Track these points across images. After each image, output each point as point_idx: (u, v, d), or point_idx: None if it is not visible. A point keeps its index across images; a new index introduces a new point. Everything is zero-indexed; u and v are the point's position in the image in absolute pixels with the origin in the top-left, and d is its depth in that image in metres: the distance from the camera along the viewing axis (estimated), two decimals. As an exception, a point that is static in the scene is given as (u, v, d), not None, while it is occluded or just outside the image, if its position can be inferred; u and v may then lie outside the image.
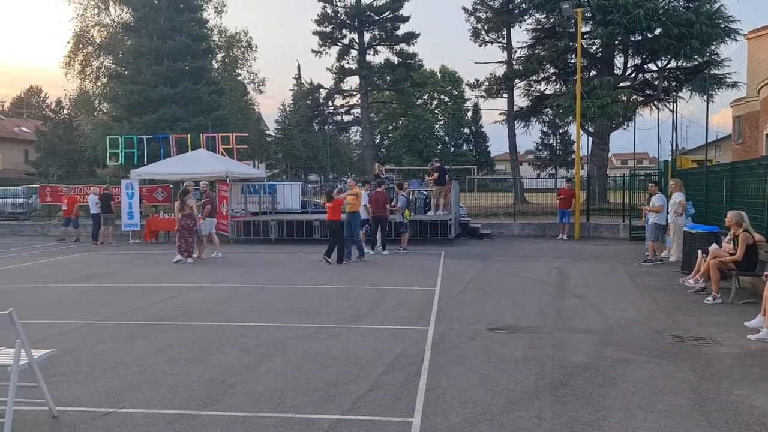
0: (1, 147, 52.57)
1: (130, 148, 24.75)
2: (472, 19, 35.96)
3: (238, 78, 47.59)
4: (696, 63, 27.98)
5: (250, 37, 53.03)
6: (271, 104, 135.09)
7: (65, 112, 45.87)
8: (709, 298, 9.73)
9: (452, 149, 65.95)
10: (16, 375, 4.92)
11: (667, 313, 9.04)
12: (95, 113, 42.74)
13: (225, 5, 45.38)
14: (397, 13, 38.94)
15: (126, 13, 38.97)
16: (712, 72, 27.02)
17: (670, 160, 20.06)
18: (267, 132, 61.65)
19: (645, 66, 29.84)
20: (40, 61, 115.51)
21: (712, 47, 27.22)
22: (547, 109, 33.07)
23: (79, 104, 43.85)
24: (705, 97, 24.77)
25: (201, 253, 15.81)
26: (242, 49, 47.85)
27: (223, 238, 20.53)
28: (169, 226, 19.90)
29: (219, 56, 44.41)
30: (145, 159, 24.13)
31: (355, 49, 39.64)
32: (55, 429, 5.10)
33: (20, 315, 5.05)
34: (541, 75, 32.80)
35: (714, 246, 10.43)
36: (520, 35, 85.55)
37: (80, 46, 41.70)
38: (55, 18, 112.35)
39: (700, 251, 10.94)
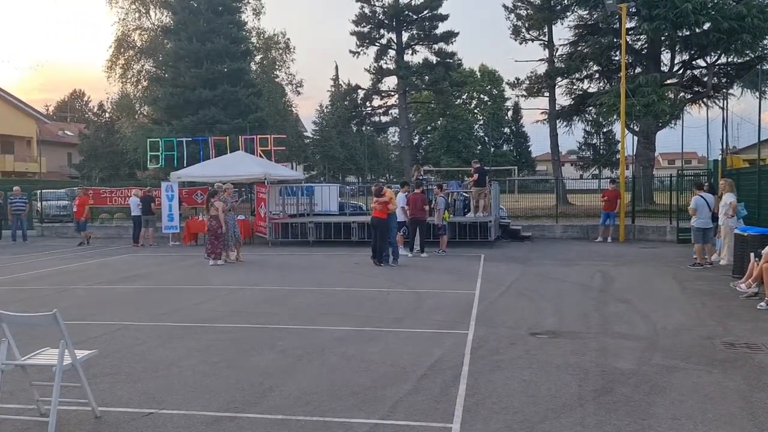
0: (46, 150, 54.24)
1: (170, 151, 25.26)
2: (512, 16, 35.71)
3: (276, 80, 48.19)
4: (747, 58, 27.18)
5: (288, 39, 53.65)
6: (308, 105, 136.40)
7: (107, 115, 47.08)
8: (763, 304, 9.45)
9: (492, 150, 65.55)
10: (60, 375, 5.05)
11: (717, 319, 8.80)
12: (136, 116, 43.82)
13: (263, 7, 46.36)
14: (435, 12, 38.90)
15: (166, 16, 39.92)
16: (765, 67, 26.23)
17: (720, 159, 19.55)
18: (305, 133, 62.31)
19: (693, 62, 29.14)
20: (84, 65, 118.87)
21: (765, 41, 26.43)
22: (590, 108, 32.56)
23: (120, 107, 44.99)
24: (757, 93, 24.05)
25: (239, 255, 16.01)
26: (280, 51, 48.44)
27: (261, 240, 20.78)
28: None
29: (257, 58, 45.10)
30: (185, 161, 24.60)
31: (393, 49, 39.74)
32: (98, 429, 5.22)
33: (63, 316, 5.19)
34: (584, 73, 32.35)
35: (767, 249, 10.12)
36: (562, 32, 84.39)
37: (122, 49, 42.80)
38: (98, 22, 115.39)
39: (752, 254, 10.62)
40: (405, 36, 39.54)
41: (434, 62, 39.55)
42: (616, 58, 29.23)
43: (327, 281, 12.65)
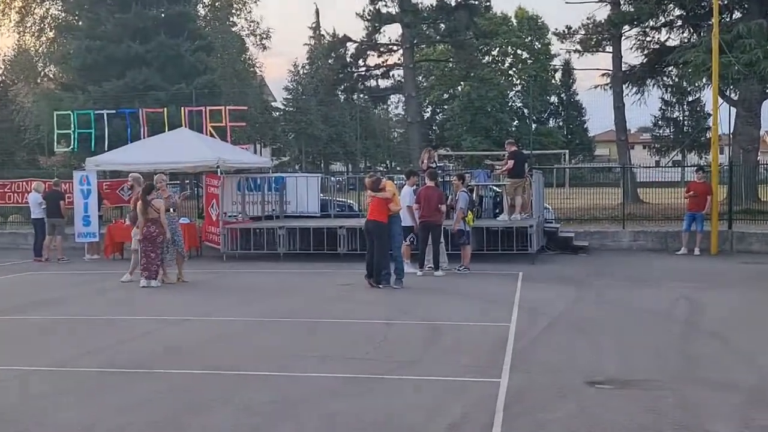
0: None
1: (86, 128, 25.25)
2: (561, -60, 35.82)
3: (233, 29, 48.28)
4: None
5: (250, -29, 53.59)
6: (278, 66, 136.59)
7: (-2, 78, 47.06)
8: None
9: (534, 127, 65.53)
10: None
11: None
12: (38, 80, 43.79)
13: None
14: (454, -67, 38.96)
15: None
16: None
17: None
18: (273, 104, 62.28)
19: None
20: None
21: None
22: (669, 69, 32.60)
23: (16, 67, 44.91)
24: None
25: (181, 273, 16.04)
26: (238, -12, 48.59)
27: (212, 252, 20.78)
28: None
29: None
30: (107, 143, 24.61)
31: (396, -15, 39.72)
32: None
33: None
34: (662, 19, 32.40)
35: None
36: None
37: (17, -13, 42.79)
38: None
39: None
40: (412, -34, 39.50)
41: (452, 4, 39.55)
42: (706, -2, 29.32)
43: (304, 310, 12.65)
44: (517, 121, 68.62)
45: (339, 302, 13.46)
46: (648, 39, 33.57)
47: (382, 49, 42.98)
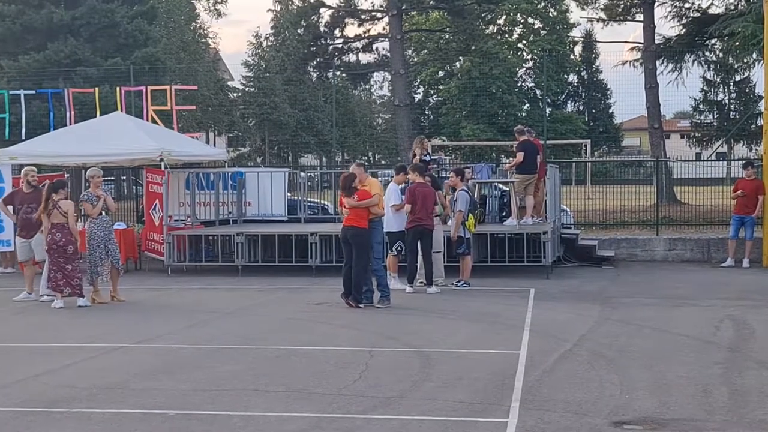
0: None
1: (-1, 112, 25.21)
2: None
3: (181, -9, 48.18)
4: None
5: None
6: (237, 37, 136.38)
7: None
8: None
9: (549, 111, 65.66)
10: None
11: None
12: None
13: None
14: None
15: None
16: None
17: None
18: (230, 84, 62.17)
19: None
20: None
21: None
22: (713, 42, 32.71)
23: None
24: None
25: (116, 290, 15.95)
26: (187, -58, 48.53)
27: (155, 264, 20.69)
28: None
29: (148, -46, 45.00)
30: (23, 130, 24.49)
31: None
32: None
33: None
34: (703, -19, 32.52)
35: None
36: None
37: None
38: None
39: None
40: None
41: (449, -38, 39.60)
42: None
43: (267, 335, 12.62)
44: (528, 105, 68.89)
45: (310, 325, 13.43)
46: (687, 5, 33.72)
47: (363, 16, 42.99)
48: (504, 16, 69.45)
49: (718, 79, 52.07)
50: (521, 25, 72.99)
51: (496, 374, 9.92)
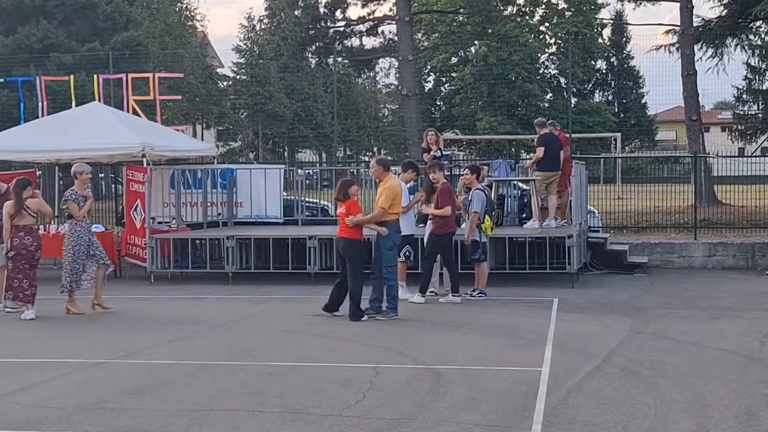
0: None
1: (-37, 102, 25.26)
2: None
3: (165, -31, 48.24)
4: None
5: None
6: (227, 20, 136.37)
7: None
8: None
9: (574, 101, 65.59)
10: None
11: None
12: None
13: None
14: None
15: None
16: None
17: None
18: (219, 71, 62.18)
19: None
20: None
21: None
22: (758, 24, 32.63)
23: None
24: None
25: (100, 298, 15.91)
26: None
27: (136, 270, 20.68)
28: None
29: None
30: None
31: None
32: None
33: None
34: (747, -45, 32.45)
35: None
36: None
37: None
38: None
39: None
40: None
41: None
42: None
43: (260, 349, 12.62)
44: (551, 95, 68.69)
45: (308, 339, 13.41)
46: (729, -17, 33.59)
47: (368, -3, 42.94)
48: (524, -2, 69.42)
49: (764, 66, 52.02)
50: (543, 6, 72.73)
51: (516, 394, 9.90)
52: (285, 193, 24.23)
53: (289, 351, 12.54)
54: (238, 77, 63.24)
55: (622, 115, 72.33)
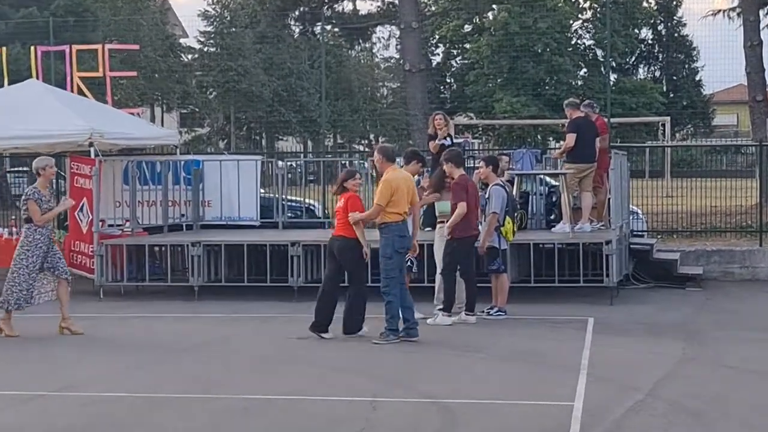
0: None
1: None
2: None
3: None
4: None
5: None
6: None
7: None
8: None
9: (613, 78, 65.53)
10: None
11: None
12: None
13: None
14: None
15: None
16: None
17: None
18: (183, 42, 62.10)
19: None
20: None
21: None
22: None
23: None
24: None
25: (67, 320, 15.88)
26: None
27: (83, 284, 20.66)
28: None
29: None
30: None
31: None
32: None
33: None
34: None
35: None
36: None
37: None
38: None
39: None
40: None
41: None
42: None
43: (233, 380, 12.62)
44: (585, 70, 68.61)
45: (291, 367, 13.43)
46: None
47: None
48: (552, -48, 69.42)
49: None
50: (574, -37, 72.96)
51: (543, 433, 9.92)
52: (262, 190, 24.22)
53: (267, 382, 12.52)
54: (205, 49, 63.15)
55: (671, 95, 72.15)
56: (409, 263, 16.54)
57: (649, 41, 76.61)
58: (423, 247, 17.25)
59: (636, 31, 73.61)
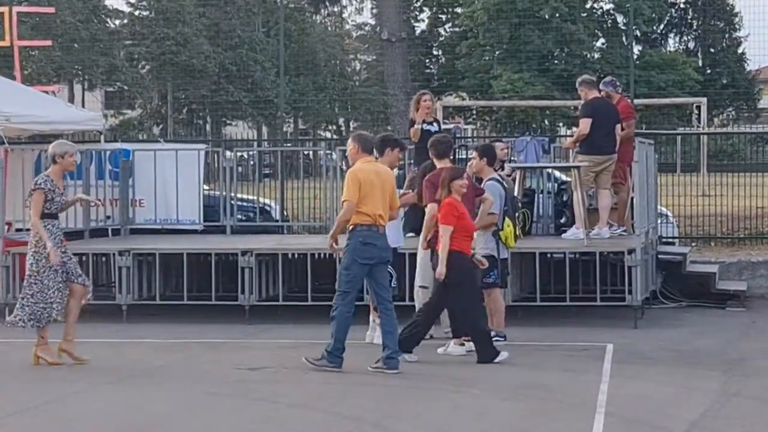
0: None
1: None
2: None
3: None
4: None
5: None
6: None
7: None
8: None
9: (637, 51, 65.74)
10: None
11: None
12: None
13: None
14: None
15: None
16: None
17: None
18: (109, 4, 62.11)
19: None
20: None
21: None
22: None
23: None
24: None
25: (70, 342, 15.89)
26: None
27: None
28: None
29: None
30: None
31: None
32: None
33: None
34: None
35: None
36: None
37: None
38: None
39: None
40: None
41: None
42: None
43: (172, 421, 12.60)
44: (603, 40, 68.89)
45: (245, 404, 13.40)
46: None
47: None
48: None
49: None
50: None
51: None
52: (207, 187, 24.23)
53: (214, 422, 12.47)
54: (137, 13, 63.24)
55: (708, 71, 72.48)
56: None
57: (682, 5, 76.92)
58: (404, 258, 17.31)
59: (665, -3, 73.97)
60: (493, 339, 16.79)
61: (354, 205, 14.90)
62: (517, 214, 18.20)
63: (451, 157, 17.13)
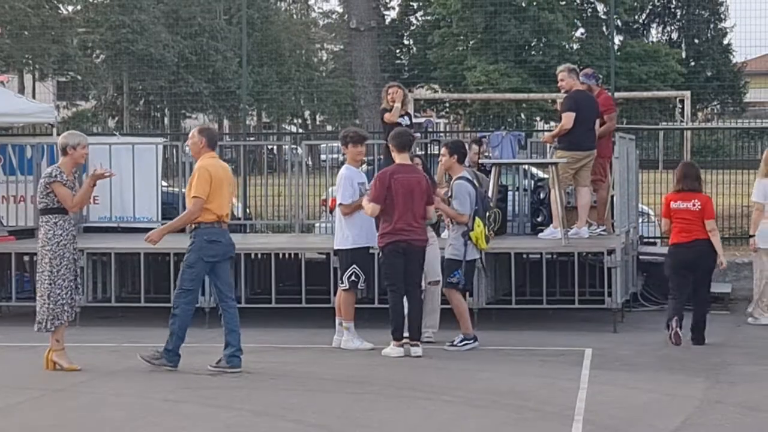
0: None
1: None
2: None
3: None
4: None
5: None
6: None
7: None
8: None
9: (618, 41, 65.88)
10: None
11: None
12: None
13: None
14: None
15: None
16: None
17: None
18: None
19: None
20: None
21: None
22: None
23: None
24: None
25: (61, 350, 15.90)
26: None
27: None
28: None
29: None
30: None
31: None
32: None
33: None
34: None
35: None
36: None
37: None
38: None
39: None
40: None
41: None
42: None
43: (122, 426, 12.60)
44: (582, 30, 69.00)
45: (203, 411, 13.42)
46: None
47: None
48: None
49: None
50: None
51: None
52: (165, 183, 24.19)
53: (175, 431, 12.54)
54: (91, 0, 63.07)
55: (692, 63, 72.64)
56: (352, 277, 16.59)
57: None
58: (374, 258, 17.34)
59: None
60: (462, 342, 16.91)
61: (203, 202, 15.19)
62: (487, 214, 18.16)
63: (417, 152, 17.14)
